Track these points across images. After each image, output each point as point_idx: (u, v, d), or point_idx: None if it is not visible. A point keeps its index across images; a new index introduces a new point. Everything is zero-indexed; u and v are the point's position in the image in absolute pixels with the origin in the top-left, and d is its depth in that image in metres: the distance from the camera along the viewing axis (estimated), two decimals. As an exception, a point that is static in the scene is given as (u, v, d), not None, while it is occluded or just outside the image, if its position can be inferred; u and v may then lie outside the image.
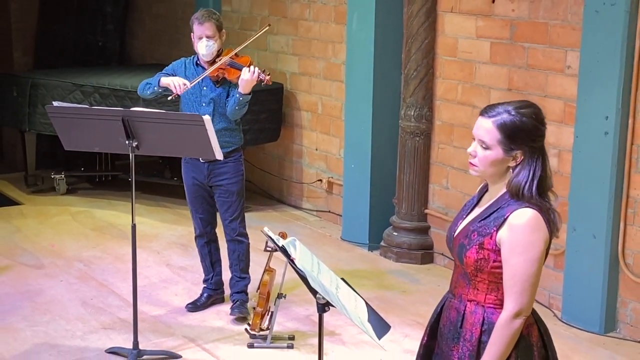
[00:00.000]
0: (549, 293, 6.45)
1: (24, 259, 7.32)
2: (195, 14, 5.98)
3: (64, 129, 5.42)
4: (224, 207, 6.07)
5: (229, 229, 6.11)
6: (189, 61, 6.06)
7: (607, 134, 5.84)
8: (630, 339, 5.98)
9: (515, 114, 3.10)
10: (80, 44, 11.46)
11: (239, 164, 6.07)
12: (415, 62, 7.26)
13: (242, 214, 6.15)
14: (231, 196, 6.03)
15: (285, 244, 3.51)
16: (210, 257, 6.28)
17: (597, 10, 5.81)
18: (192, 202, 6.15)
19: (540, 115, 3.15)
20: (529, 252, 3.06)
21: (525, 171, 3.11)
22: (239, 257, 6.14)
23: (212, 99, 5.92)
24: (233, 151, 6.01)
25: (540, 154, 3.14)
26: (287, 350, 5.71)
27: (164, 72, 6.02)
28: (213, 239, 6.27)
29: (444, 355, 3.32)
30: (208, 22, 5.87)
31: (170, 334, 5.93)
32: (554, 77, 6.32)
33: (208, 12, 5.96)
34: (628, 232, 5.95)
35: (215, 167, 5.97)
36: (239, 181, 6.07)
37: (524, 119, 3.10)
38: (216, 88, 5.93)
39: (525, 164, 3.12)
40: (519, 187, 3.10)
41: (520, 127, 3.09)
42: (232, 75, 5.88)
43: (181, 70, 6.01)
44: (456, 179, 7.23)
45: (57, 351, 5.63)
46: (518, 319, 3.09)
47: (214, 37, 5.89)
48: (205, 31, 5.87)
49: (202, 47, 5.89)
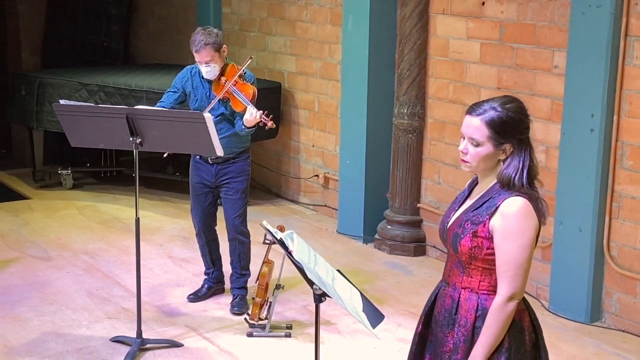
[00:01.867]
0: (537, 284, 6.45)
1: (32, 251, 7.31)
2: (192, 37, 5.75)
3: (70, 126, 5.40)
4: (228, 205, 6.03)
5: (232, 227, 6.04)
6: (194, 72, 5.93)
7: (593, 131, 5.84)
8: (615, 328, 5.98)
9: (502, 110, 3.13)
10: (85, 44, 11.44)
11: (246, 164, 6.04)
12: (408, 62, 7.25)
13: (245, 213, 6.10)
14: (236, 194, 5.99)
15: (283, 237, 3.51)
16: (210, 256, 6.26)
17: (583, 12, 5.81)
18: (193, 199, 6.11)
19: (524, 109, 3.20)
20: (520, 239, 3.09)
21: (515, 162, 3.15)
22: (240, 255, 6.12)
23: (220, 114, 5.85)
24: (241, 152, 5.99)
25: (528, 145, 3.18)
26: (285, 339, 5.71)
27: (171, 90, 5.94)
28: (212, 238, 6.23)
29: (438, 341, 3.32)
30: (204, 49, 5.69)
31: (172, 323, 5.92)
32: (542, 76, 6.31)
33: (203, 37, 5.70)
34: (613, 225, 5.95)
35: (223, 167, 5.94)
36: (245, 180, 6.03)
37: (510, 114, 3.13)
38: (223, 106, 5.86)
39: (515, 156, 3.15)
40: (510, 177, 3.13)
41: (508, 121, 3.12)
42: (236, 107, 5.76)
43: (188, 83, 5.91)
44: (447, 174, 7.23)
45: (63, 340, 5.62)
46: (511, 302, 3.12)
47: (213, 60, 5.74)
48: (203, 58, 5.73)
49: (204, 71, 5.79)
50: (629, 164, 5.82)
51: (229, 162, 5.94)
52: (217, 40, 5.75)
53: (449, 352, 3.26)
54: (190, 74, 5.96)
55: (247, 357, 5.47)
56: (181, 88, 5.94)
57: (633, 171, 5.80)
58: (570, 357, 5.54)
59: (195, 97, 5.92)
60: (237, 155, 5.94)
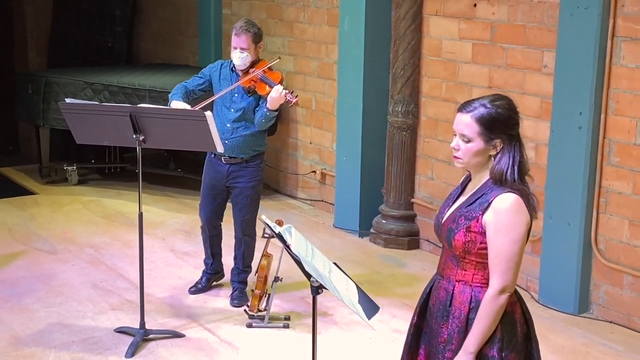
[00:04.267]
0: (527, 277, 6.44)
1: (38, 244, 7.30)
2: (236, 23, 5.78)
3: (75, 124, 5.39)
4: (237, 207, 5.97)
5: (240, 229, 5.99)
6: (225, 64, 5.90)
7: (581, 128, 5.83)
8: (602, 319, 5.97)
9: (491, 107, 3.14)
10: (90, 44, 11.42)
11: (259, 170, 5.94)
12: (402, 62, 7.24)
13: (255, 217, 6.00)
14: (245, 199, 5.92)
15: (281, 231, 3.50)
16: (211, 249, 6.22)
17: (571, 13, 5.80)
18: (205, 196, 6.03)
19: (513, 106, 3.20)
20: (512, 233, 3.09)
21: (506, 158, 3.15)
22: (244, 253, 6.08)
23: (242, 108, 5.79)
24: (255, 156, 5.89)
25: (517, 141, 3.18)
26: (283, 329, 5.70)
27: (198, 76, 5.90)
28: (216, 233, 6.18)
29: (433, 332, 3.32)
30: (244, 34, 5.68)
31: (174, 314, 5.91)
32: (532, 75, 6.30)
33: (246, 25, 5.73)
34: (600, 220, 5.94)
35: (236, 168, 5.86)
36: (256, 185, 5.93)
37: (499, 110, 3.14)
38: (247, 97, 5.79)
39: (505, 151, 3.16)
40: (502, 172, 3.14)
41: (497, 117, 3.13)
42: (262, 90, 5.71)
43: (216, 74, 5.87)
44: (440, 170, 7.22)
45: (69, 330, 5.61)
46: (503, 295, 3.12)
47: (248, 49, 5.70)
48: (240, 43, 5.70)
49: (236, 57, 5.73)
50: (616, 160, 5.81)
51: (242, 164, 5.85)
52: (258, 32, 5.78)
53: (443, 342, 3.25)
54: (221, 65, 5.93)
55: (247, 347, 5.46)
56: (208, 76, 5.89)
57: (620, 167, 5.79)
58: (560, 347, 5.53)
59: (220, 88, 5.84)
60: (251, 158, 5.85)
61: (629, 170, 5.74)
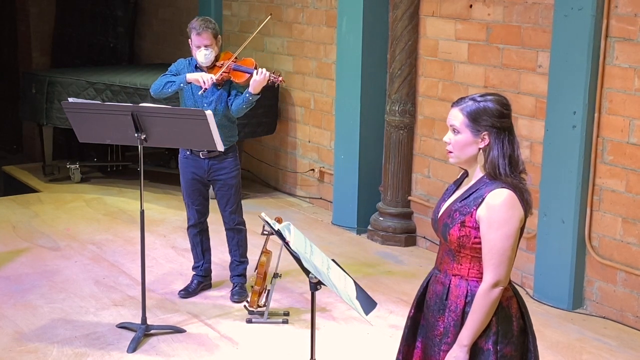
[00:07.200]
0: (522, 273, 6.44)
1: (41, 241, 7.29)
2: (192, 23, 5.80)
3: (78, 123, 5.38)
4: (223, 200, 5.97)
5: (229, 219, 6.01)
6: (187, 63, 5.91)
7: (575, 127, 5.83)
8: (596, 315, 5.97)
9: (480, 101, 3.19)
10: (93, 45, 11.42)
11: (237, 160, 5.98)
12: (399, 62, 7.23)
13: (240, 204, 6.05)
14: (230, 189, 5.94)
15: (280, 228, 3.49)
16: (201, 246, 6.17)
17: (565, 14, 5.79)
18: (189, 195, 6.01)
19: (503, 101, 3.22)
20: (504, 228, 3.10)
21: (495, 150, 3.16)
22: (238, 243, 6.08)
23: (212, 100, 5.80)
24: (230, 148, 5.89)
25: (507, 134, 3.18)
26: (282, 325, 5.69)
27: (169, 73, 5.90)
28: (204, 228, 6.16)
29: (430, 325, 3.32)
30: (205, 32, 5.72)
31: (175, 310, 5.91)
32: (526, 75, 6.29)
33: (204, 22, 5.78)
34: (594, 217, 5.94)
35: (215, 162, 5.87)
36: (236, 175, 5.96)
37: (487, 104, 3.17)
38: (217, 90, 5.81)
39: (493, 144, 3.16)
40: (495, 164, 3.14)
41: (484, 110, 3.16)
42: (239, 78, 5.75)
43: (185, 71, 5.86)
44: (437, 168, 7.22)
45: (72, 326, 5.60)
46: (496, 289, 3.12)
47: (211, 45, 5.75)
48: (203, 41, 5.73)
49: (201, 56, 5.76)
50: (609, 158, 5.80)
51: (220, 157, 5.85)
52: (216, 27, 5.83)
53: (439, 335, 3.26)
54: (188, 63, 5.92)
55: (247, 342, 5.45)
56: (177, 74, 5.87)
57: (613, 165, 5.79)
58: (554, 343, 5.53)
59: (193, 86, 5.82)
60: (227, 149, 5.82)
61: (622, 168, 5.74)
